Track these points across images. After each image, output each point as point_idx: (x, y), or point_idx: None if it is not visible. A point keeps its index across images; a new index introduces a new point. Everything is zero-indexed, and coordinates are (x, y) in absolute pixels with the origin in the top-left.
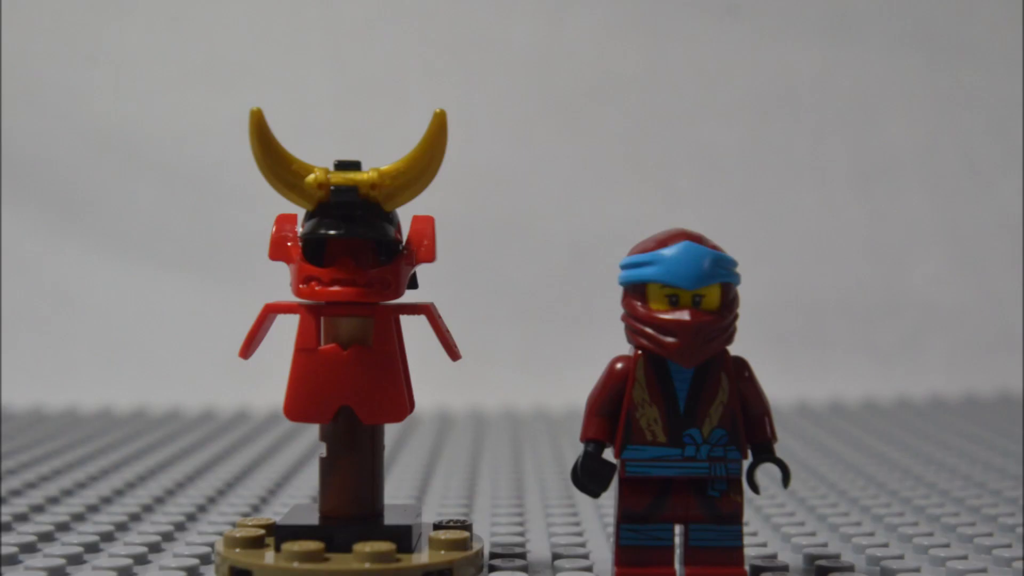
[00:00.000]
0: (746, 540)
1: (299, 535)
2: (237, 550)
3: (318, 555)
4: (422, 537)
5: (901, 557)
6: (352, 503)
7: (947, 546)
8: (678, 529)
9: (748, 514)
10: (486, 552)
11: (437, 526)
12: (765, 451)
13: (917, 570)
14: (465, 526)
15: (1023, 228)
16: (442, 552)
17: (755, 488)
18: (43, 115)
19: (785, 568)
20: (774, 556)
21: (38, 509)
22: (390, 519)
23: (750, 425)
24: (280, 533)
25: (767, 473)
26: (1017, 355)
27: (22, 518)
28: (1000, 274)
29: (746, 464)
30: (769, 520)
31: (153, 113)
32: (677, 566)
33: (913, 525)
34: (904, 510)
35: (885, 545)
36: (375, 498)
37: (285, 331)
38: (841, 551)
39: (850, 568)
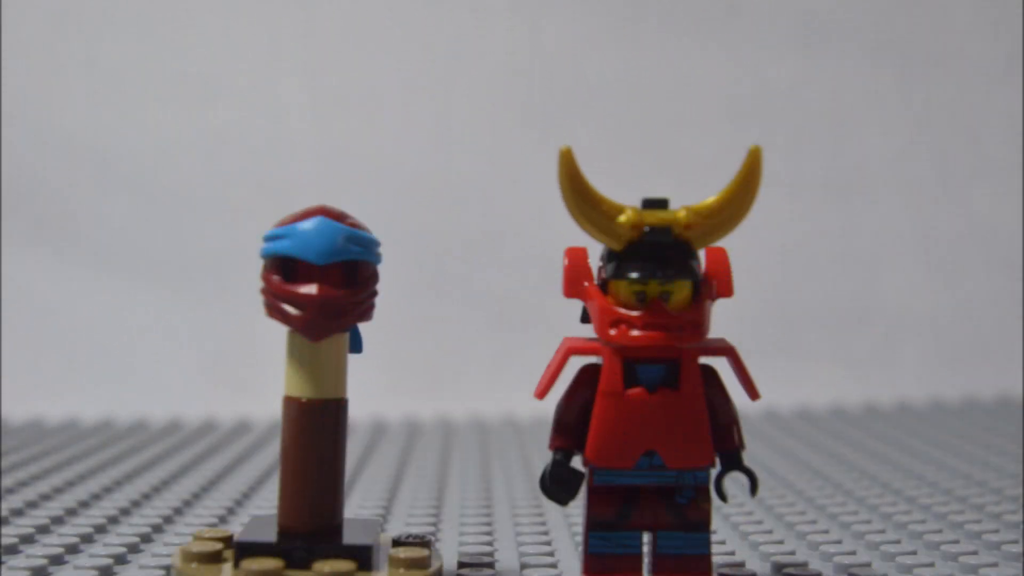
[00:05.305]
0: (714, 548)
1: (258, 552)
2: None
3: (277, 574)
4: (382, 552)
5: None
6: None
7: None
8: (646, 537)
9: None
10: (446, 568)
11: (396, 542)
12: (733, 459)
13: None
14: (424, 543)
15: (996, 237)
16: (401, 571)
17: (723, 496)
18: (16, 128)
19: (753, 575)
20: (742, 564)
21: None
22: (350, 536)
23: (718, 434)
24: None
25: (737, 481)
26: (987, 363)
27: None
28: (971, 282)
29: (714, 472)
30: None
31: (128, 126)
32: (645, 574)
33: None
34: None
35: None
36: (336, 511)
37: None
38: (809, 557)
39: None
